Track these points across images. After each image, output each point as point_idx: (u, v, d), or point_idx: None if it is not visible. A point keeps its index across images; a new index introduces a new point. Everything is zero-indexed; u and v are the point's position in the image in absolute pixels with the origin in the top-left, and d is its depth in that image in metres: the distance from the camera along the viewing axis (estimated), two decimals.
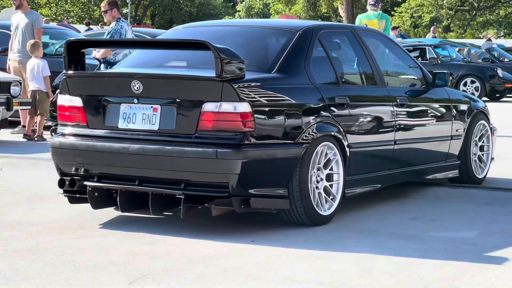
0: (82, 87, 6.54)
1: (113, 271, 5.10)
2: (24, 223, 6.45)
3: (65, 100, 6.57)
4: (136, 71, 6.56)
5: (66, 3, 60.43)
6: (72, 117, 6.54)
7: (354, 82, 7.42)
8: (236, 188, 5.95)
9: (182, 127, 6.09)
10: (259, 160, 6.07)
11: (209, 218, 6.62)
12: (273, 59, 6.61)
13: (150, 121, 6.22)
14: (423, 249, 5.75)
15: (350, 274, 5.11)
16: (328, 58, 6.99)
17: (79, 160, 6.41)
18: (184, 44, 6.54)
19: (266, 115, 6.12)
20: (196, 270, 5.15)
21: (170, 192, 6.09)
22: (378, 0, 13.51)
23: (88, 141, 6.40)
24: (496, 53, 27.60)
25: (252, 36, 7.15)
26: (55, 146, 6.55)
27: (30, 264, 5.24)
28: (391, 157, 7.39)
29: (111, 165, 6.32)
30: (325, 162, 6.53)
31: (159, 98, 6.18)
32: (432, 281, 4.98)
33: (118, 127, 6.33)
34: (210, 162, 5.92)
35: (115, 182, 6.33)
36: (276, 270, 5.17)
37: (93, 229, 6.27)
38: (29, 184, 8.22)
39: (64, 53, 6.54)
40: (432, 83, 7.98)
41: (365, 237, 6.10)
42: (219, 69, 5.91)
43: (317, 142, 6.39)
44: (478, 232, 6.37)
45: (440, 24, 60.75)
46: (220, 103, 5.95)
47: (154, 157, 6.10)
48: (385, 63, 7.92)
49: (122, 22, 11.83)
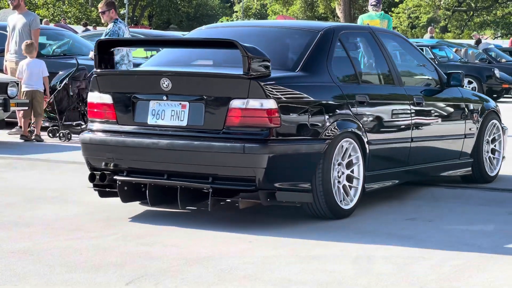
0: (112, 84, 6.76)
1: (110, 271, 5.10)
2: (21, 224, 6.44)
3: (95, 98, 6.81)
4: (165, 69, 6.74)
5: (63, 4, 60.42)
6: (101, 114, 6.77)
7: (373, 81, 7.67)
8: (263, 182, 6.18)
9: (210, 123, 6.32)
10: (285, 155, 6.30)
11: (206, 219, 6.63)
12: (297, 58, 6.86)
13: (179, 117, 6.44)
14: (420, 250, 5.75)
15: (347, 275, 5.11)
16: (348, 57, 7.26)
17: (109, 155, 6.65)
18: (213, 43, 6.77)
19: (291, 111, 6.35)
20: (193, 270, 5.15)
21: (198, 186, 6.34)
22: (379, 1, 13.54)
23: (117, 136, 6.63)
24: (493, 54, 27.62)
25: (275, 36, 7.40)
26: (85, 141, 6.80)
27: (27, 265, 5.23)
28: (408, 154, 7.61)
29: (140, 160, 6.57)
30: (345, 158, 6.77)
31: (187, 95, 6.41)
32: (429, 282, 4.98)
33: (147, 123, 6.55)
34: (238, 157, 6.16)
35: (144, 176, 6.57)
36: (273, 271, 5.17)
37: (90, 230, 6.27)
38: (26, 185, 8.21)
39: (95, 52, 6.75)
40: (446, 83, 8.21)
41: (363, 238, 6.10)
42: (246, 67, 6.14)
43: (339, 138, 6.64)
44: (476, 233, 6.37)
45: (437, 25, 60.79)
46: (247, 100, 6.19)
47: (183, 152, 6.33)
48: (401, 63, 8.19)
49: (119, 23, 11.84)
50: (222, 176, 6.28)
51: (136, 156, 6.55)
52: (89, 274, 5.03)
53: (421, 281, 4.99)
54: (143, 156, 6.51)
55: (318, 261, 5.43)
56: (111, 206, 7.11)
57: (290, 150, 6.34)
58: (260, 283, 4.92)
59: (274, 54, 6.64)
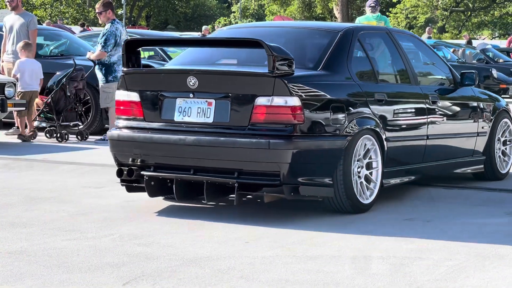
0: (139, 83, 6.96)
1: (107, 272, 5.10)
2: (18, 224, 6.44)
3: (122, 96, 7.01)
4: (191, 68, 6.92)
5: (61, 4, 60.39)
6: (129, 111, 6.96)
7: (390, 80, 7.89)
8: (287, 177, 6.41)
9: (236, 120, 6.54)
10: (308, 151, 6.53)
11: (203, 220, 6.63)
12: (318, 57, 7.10)
13: (205, 115, 6.64)
14: (417, 250, 5.75)
15: (344, 275, 5.11)
16: (367, 57, 7.52)
17: (137, 151, 6.84)
18: (239, 42, 6.97)
19: (314, 109, 6.57)
20: (190, 271, 5.15)
21: (224, 180, 6.57)
22: (377, 3, 13.64)
23: (145, 133, 6.83)
24: (490, 54, 27.63)
25: (297, 36, 7.65)
26: (113, 138, 7.00)
27: (24, 265, 5.23)
28: (424, 151, 7.82)
29: (167, 155, 6.77)
30: (364, 154, 6.98)
31: (213, 93, 6.63)
32: (426, 282, 4.99)
33: (174, 120, 6.76)
34: (263, 152, 6.37)
35: (171, 171, 6.75)
36: (270, 271, 5.17)
37: (87, 230, 6.27)
38: (23, 186, 8.21)
39: (123, 51, 6.95)
40: (460, 82, 8.44)
41: (360, 238, 6.10)
42: (271, 65, 6.37)
43: (359, 135, 6.87)
44: (473, 233, 6.37)
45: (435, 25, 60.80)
46: (272, 97, 6.42)
47: (209, 148, 6.54)
48: (417, 62, 8.40)
49: (116, 23, 11.84)
50: (247, 171, 6.50)
51: (163, 152, 6.76)
52: (86, 275, 5.03)
53: (417, 282, 4.99)
54: (170, 152, 6.72)
55: (315, 261, 5.43)
56: (108, 206, 7.12)
57: (313, 146, 6.56)
58: (257, 283, 4.92)
59: (296, 54, 6.85)
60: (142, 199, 7.29)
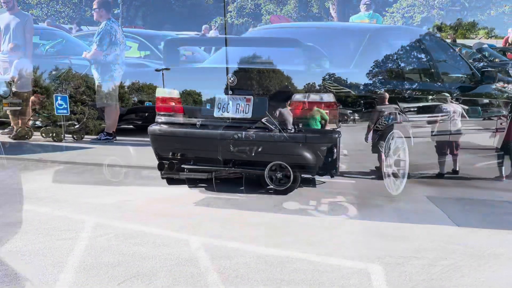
0: (179, 80, 7.32)
1: (102, 272, 5.09)
2: (13, 224, 6.43)
3: (163, 92, 7.36)
4: (230, 65, 7.23)
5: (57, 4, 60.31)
6: (169, 108, 7.33)
7: (416, 77, 8.20)
8: (322, 169, 6.82)
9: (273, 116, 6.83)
10: (342, 145, 6.84)
11: (198, 219, 6.63)
12: (349, 56, 7.47)
13: (244, 110, 6.99)
14: (412, 249, 5.75)
15: (339, 274, 5.11)
16: (394, 55, 7.86)
17: (177, 145, 7.16)
18: (277, 41, 7.44)
19: (347, 104, 6.96)
20: (185, 271, 5.14)
21: (261, 173, 6.92)
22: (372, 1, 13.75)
23: (185, 128, 7.19)
24: (486, 53, 27.63)
25: (329, 36, 8.03)
26: (154, 133, 7.33)
27: (19, 265, 5.22)
28: (447, 146, 8.25)
29: (207, 149, 6.94)
30: (394, 148, 7.31)
31: (251, 90, 6.97)
32: (421, 282, 4.99)
33: (214, 115, 7.09)
34: (299, 146, 6.73)
35: (210, 164, 7.11)
36: (266, 271, 5.17)
37: (82, 230, 6.26)
38: (18, 185, 8.20)
39: (163, 50, 7.47)
40: (480, 80, 8.83)
41: (355, 237, 6.10)
42: (307, 63, 6.82)
43: (388, 130, 7.27)
44: (468, 233, 6.37)
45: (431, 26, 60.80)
46: (308, 93, 6.76)
47: (248, 142, 6.86)
48: (440, 61, 8.71)
49: (112, 23, 11.82)
50: (284, 165, 6.87)
51: (203, 146, 7.03)
52: (81, 274, 5.02)
53: (412, 281, 4.99)
54: (210, 146, 6.96)
55: (311, 261, 5.43)
56: (103, 206, 7.11)
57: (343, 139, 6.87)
58: (253, 283, 4.92)
59: (329, 52, 7.25)
60: (138, 198, 7.30)
